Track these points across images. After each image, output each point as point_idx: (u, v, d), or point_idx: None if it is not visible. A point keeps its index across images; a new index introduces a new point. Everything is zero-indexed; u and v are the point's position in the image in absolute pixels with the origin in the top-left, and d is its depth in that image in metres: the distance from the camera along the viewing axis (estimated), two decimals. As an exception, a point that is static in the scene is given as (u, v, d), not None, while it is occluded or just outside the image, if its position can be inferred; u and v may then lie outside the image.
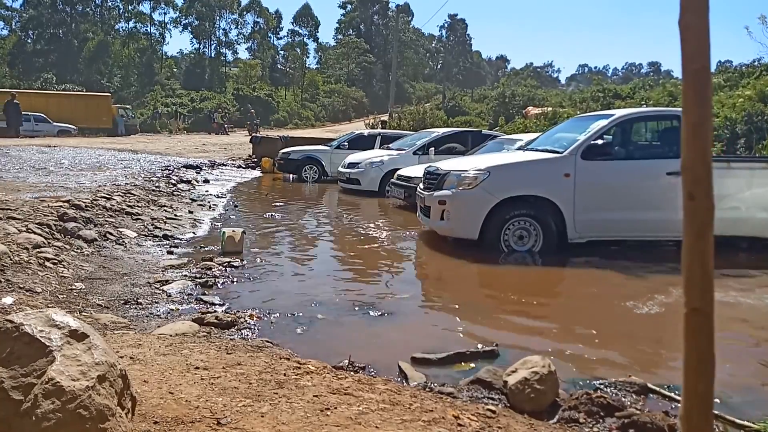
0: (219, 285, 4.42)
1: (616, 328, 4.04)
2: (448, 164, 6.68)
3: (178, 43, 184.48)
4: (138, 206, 7.30)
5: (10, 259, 3.98)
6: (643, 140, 6.86)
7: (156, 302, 3.86)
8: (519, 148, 7.33)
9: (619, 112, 6.60)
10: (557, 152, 6.09)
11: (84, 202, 6.22)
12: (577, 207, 5.83)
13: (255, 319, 3.61)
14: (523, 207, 5.85)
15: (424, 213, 6.52)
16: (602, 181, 5.95)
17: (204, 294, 4.11)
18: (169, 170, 12.46)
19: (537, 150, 6.57)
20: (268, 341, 3.11)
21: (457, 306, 4.32)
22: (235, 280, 4.62)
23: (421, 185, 6.82)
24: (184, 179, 11.65)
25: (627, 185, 6.03)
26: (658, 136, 6.72)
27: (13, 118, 21.58)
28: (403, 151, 11.77)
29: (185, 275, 4.60)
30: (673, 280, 4.89)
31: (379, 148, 13.34)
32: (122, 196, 7.40)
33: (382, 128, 22.33)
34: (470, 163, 6.41)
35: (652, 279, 5.20)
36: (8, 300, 3.29)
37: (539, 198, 5.85)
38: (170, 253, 5.46)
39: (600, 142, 5.95)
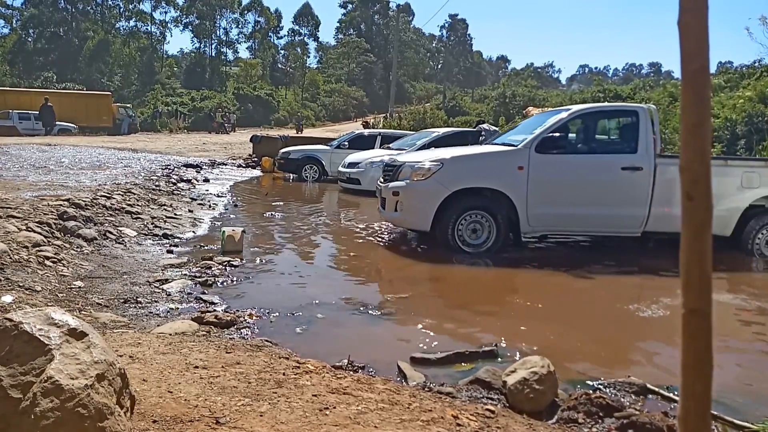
0: (218, 284, 4.42)
1: (615, 328, 4.05)
2: (405, 156, 6.69)
3: (179, 42, 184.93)
4: (138, 205, 7.30)
5: (10, 258, 3.99)
6: (601, 135, 6.80)
7: (155, 301, 3.86)
8: (487, 143, 7.30)
9: (577, 107, 6.55)
10: (513, 145, 6.06)
11: (84, 201, 6.22)
12: (530, 200, 5.79)
13: (254, 318, 3.61)
14: (477, 200, 5.82)
15: (381, 205, 6.51)
16: (556, 174, 5.91)
17: (203, 293, 4.11)
18: (169, 169, 12.46)
19: (496, 143, 6.55)
20: (267, 340, 3.11)
21: (456, 306, 4.32)
22: (234, 279, 4.61)
23: (381, 177, 6.81)
24: (185, 178, 11.65)
25: (581, 179, 5.99)
26: (616, 132, 6.69)
27: (46, 118, 24.05)
28: (403, 151, 11.76)
29: (185, 274, 4.60)
30: (665, 281, 4.89)
31: (380, 147, 13.34)
32: (122, 195, 7.40)
33: (364, 128, 22.66)
34: (426, 155, 6.40)
35: (650, 279, 5.21)
36: (8, 298, 3.29)
37: (492, 191, 5.82)
38: (170, 252, 5.46)
39: (555, 135, 5.91)
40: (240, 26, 65.34)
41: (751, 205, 5.88)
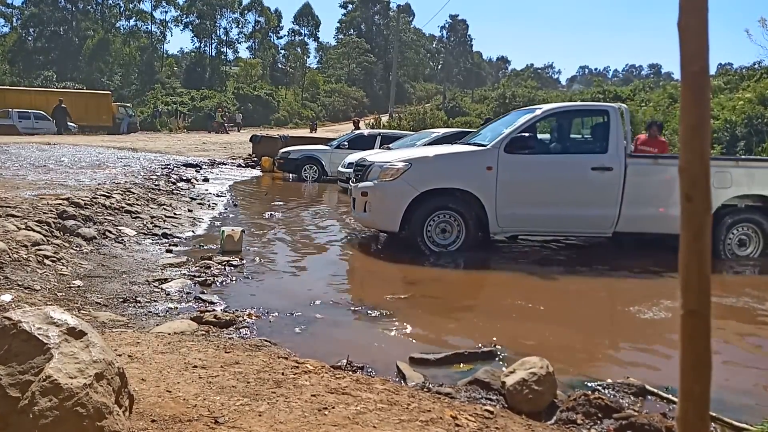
0: (218, 284, 4.42)
1: (614, 329, 4.05)
2: (375, 156, 6.66)
3: (179, 41, 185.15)
4: (137, 204, 7.30)
5: (9, 257, 3.98)
6: (571, 135, 6.75)
7: (154, 301, 3.85)
8: (459, 142, 7.26)
9: (547, 106, 6.50)
10: (482, 145, 6.02)
11: (83, 200, 6.22)
12: (499, 201, 5.75)
13: (253, 318, 3.61)
14: (446, 200, 5.79)
15: (352, 205, 6.50)
16: (525, 175, 5.87)
17: (203, 293, 4.11)
18: (169, 169, 12.46)
19: (468, 143, 6.51)
20: (266, 340, 3.11)
21: (454, 306, 4.32)
22: (234, 279, 4.61)
23: (353, 177, 6.77)
24: (184, 178, 11.64)
25: (550, 180, 5.95)
26: (587, 132, 6.64)
27: (60, 119, 25.84)
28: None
29: (184, 274, 4.60)
30: (662, 282, 4.90)
31: (379, 148, 13.33)
32: (122, 195, 7.40)
33: (355, 125, 22.87)
34: (395, 155, 6.38)
35: (648, 279, 5.22)
36: (7, 297, 3.29)
37: (461, 191, 5.79)
38: (169, 251, 5.45)
39: (525, 135, 5.86)
40: (240, 26, 65.27)
41: (723, 205, 5.85)
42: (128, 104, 37.52)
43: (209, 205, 8.90)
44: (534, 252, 6.46)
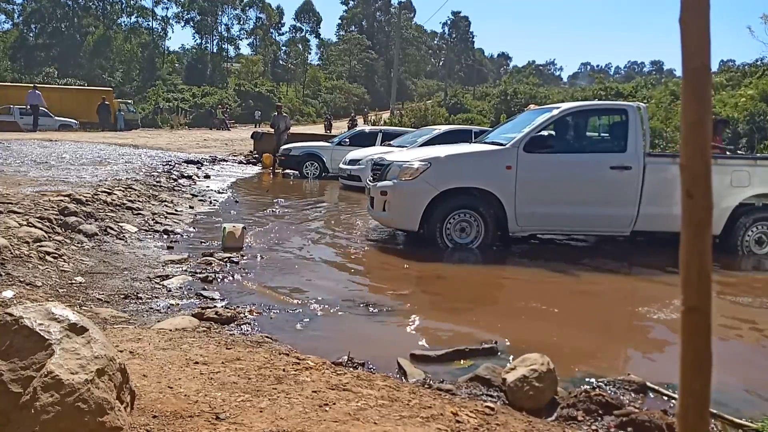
0: (219, 280, 4.42)
1: (615, 326, 4.05)
2: (393, 155, 6.67)
3: (180, 38, 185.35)
4: (139, 201, 7.30)
5: (11, 253, 3.99)
6: (589, 134, 6.76)
7: (156, 297, 3.86)
8: (475, 141, 7.27)
9: (566, 105, 6.49)
10: (501, 144, 6.04)
11: (85, 197, 6.23)
12: (519, 200, 5.78)
13: (254, 314, 3.61)
14: (465, 199, 5.81)
15: (370, 204, 6.51)
16: (544, 174, 5.89)
17: (204, 289, 4.11)
18: (170, 165, 12.46)
19: (485, 142, 6.53)
20: (267, 336, 3.11)
21: (456, 303, 4.32)
22: (235, 275, 4.62)
23: (370, 176, 6.79)
24: (185, 174, 11.65)
25: (569, 179, 5.96)
26: (605, 130, 6.65)
27: (103, 116, 28.01)
28: (404, 148, 11.75)
29: (185, 270, 4.61)
30: (663, 280, 4.89)
31: (381, 144, 13.33)
32: (123, 191, 7.40)
33: (272, 127, 22.85)
34: (414, 154, 6.39)
35: (648, 278, 5.21)
36: (8, 293, 3.30)
37: (481, 190, 5.81)
38: (170, 248, 5.46)
39: (544, 134, 5.88)
40: (241, 22, 65.35)
41: (741, 204, 5.85)
42: (129, 101, 37.41)
43: (210, 202, 8.91)
44: (544, 249, 6.45)
